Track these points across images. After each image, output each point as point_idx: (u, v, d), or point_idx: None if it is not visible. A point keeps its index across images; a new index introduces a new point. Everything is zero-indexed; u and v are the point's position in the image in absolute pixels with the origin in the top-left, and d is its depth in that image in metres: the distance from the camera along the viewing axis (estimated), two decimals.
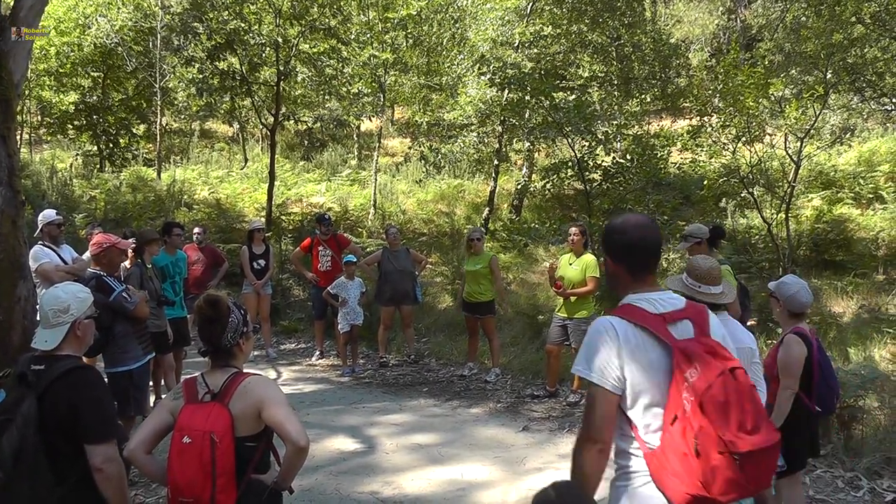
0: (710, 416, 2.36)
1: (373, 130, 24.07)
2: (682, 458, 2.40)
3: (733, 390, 2.41)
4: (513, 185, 20.46)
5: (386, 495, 5.72)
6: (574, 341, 8.05)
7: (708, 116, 14.03)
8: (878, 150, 18.34)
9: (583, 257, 8.15)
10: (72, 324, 3.20)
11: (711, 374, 2.42)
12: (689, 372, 2.44)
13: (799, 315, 4.69)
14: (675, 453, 2.42)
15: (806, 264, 14.06)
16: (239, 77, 17.02)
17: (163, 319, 7.46)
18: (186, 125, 25.58)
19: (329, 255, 10.41)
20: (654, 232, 2.78)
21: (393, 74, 19.52)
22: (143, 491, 5.77)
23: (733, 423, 2.36)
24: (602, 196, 14.41)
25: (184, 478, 2.84)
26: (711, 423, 2.35)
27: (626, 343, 2.55)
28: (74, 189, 17.02)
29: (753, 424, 2.39)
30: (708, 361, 2.46)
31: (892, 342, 9.87)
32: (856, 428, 6.39)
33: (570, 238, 8.30)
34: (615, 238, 2.77)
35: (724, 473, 2.33)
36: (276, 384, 3.21)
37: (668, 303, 2.69)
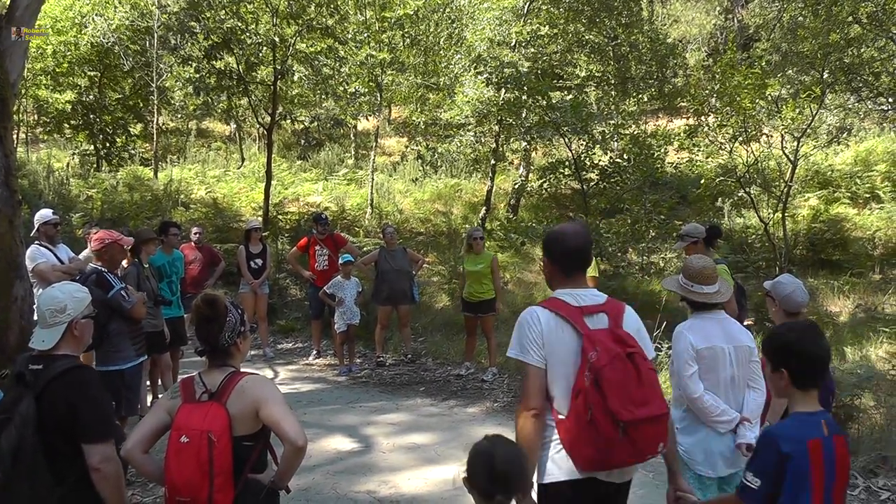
0: (603, 390, 2.85)
1: (370, 130, 24.06)
2: (582, 426, 2.89)
3: (626, 371, 2.90)
4: (510, 184, 20.47)
5: (383, 495, 5.73)
6: None
7: (705, 116, 14.06)
8: (874, 149, 18.38)
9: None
10: (69, 323, 3.19)
11: (609, 357, 2.90)
12: (591, 354, 2.92)
13: (795, 314, 4.69)
14: (578, 422, 2.91)
15: (802, 264, 14.11)
16: (236, 76, 16.99)
17: (159, 319, 7.45)
18: (183, 124, 25.51)
19: (326, 254, 10.41)
20: (587, 239, 3.29)
21: (390, 74, 19.48)
22: (139, 490, 5.77)
23: (622, 398, 2.84)
24: (599, 195, 14.46)
25: (181, 477, 2.84)
26: (603, 397, 2.84)
27: (548, 328, 3.06)
28: (71, 188, 16.98)
29: (642, 400, 2.87)
30: (609, 347, 2.94)
31: (889, 341, 9.90)
32: (852, 427, 6.40)
33: None
34: (555, 244, 3.28)
35: (613, 439, 2.82)
36: (273, 383, 3.21)
37: (589, 298, 3.18)
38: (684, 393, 3.93)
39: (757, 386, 4.07)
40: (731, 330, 4.06)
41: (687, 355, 3.93)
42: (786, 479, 2.67)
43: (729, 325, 4.09)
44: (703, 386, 3.91)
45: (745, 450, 3.87)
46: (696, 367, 3.91)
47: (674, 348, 4.03)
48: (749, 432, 3.91)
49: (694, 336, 3.96)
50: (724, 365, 3.95)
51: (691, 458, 3.96)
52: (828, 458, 2.71)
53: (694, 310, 4.13)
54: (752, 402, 4.02)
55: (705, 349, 3.93)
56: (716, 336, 3.98)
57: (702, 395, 3.88)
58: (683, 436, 4.00)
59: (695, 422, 3.98)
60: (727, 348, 3.96)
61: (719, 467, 3.96)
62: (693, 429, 3.99)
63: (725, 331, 4.03)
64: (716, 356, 3.94)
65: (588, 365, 2.92)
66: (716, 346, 3.95)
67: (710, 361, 3.93)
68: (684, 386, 3.91)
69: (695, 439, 3.97)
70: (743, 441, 3.89)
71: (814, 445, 2.69)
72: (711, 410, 3.88)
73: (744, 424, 3.92)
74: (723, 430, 3.93)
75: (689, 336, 3.97)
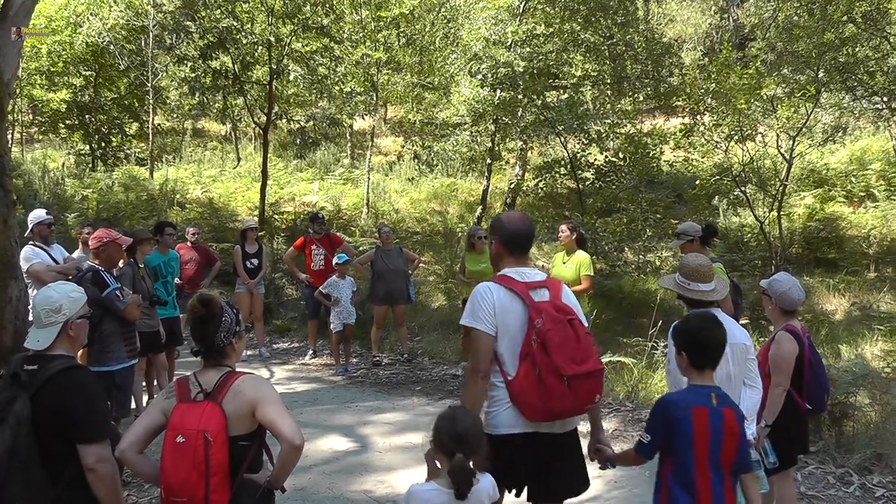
0: (549, 351, 3.30)
1: (366, 129, 24.07)
2: (531, 383, 3.34)
3: (567, 334, 3.38)
4: (506, 183, 20.49)
5: (379, 494, 5.72)
6: None
7: (700, 115, 14.09)
8: (869, 148, 18.44)
9: (575, 256, 8.06)
10: (64, 324, 3.18)
11: (553, 323, 3.37)
12: (537, 321, 3.37)
13: (791, 312, 4.71)
14: (527, 380, 3.36)
15: (798, 262, 14.14)
16: (231, 76, 16.99)
17: (155, 319, 7.43)
18: (179, 124, 25.50)
19: (322, 254, 10.40)
20: (529, 226, 3.79)
21: (386, 73, 19.49)
22: (135, 491, 5.75)
23: (565, 356, 3.31)
24: (595, 194, 14.48)
25: (177, 477, 2.82)
26: (549, 356, 3.30)
27: (499, 301, 3.49)
28: (66, 188, 16.95)
29: (581, 358, 3.36)
30: (553, 315, 3.41)
31: (883, 339, 9.92)
32: (847, 425, 6.42)
33: (560, 236, 8.25)
34: (503, 229, 3.73)
35: (559, 392, 3.29)
36: (269, 383, 3.20)
37: (532, 276, 3.63)
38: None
39: (753, 384, 4.08)
40: (728, 328, 4.04)
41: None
42: (675, 438, 3.20)
43: (725, 322, 4.08)
44: None
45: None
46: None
47: (670, 346, 3.97)
48: (746, 429, 3.89)
49: None
50: (721, 363, 3.93)
51: None
52: (714, 426, 3.18)
53: (690, 307, 4.12)
54: (748, 400, 4.01)
55: None
56: None
57: None
58: None
59: None
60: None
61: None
62: None
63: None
64: None
65: (535, 330, 3.36)
66: None
67: None
68: (681, 384, 3.89)
69: None
70: None
71: (698, 412, 3.19)
72: None
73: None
74: None
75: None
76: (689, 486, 3.18)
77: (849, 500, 5.45)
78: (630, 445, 6.70)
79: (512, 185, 19.25)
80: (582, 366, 3.34)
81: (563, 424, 3.54)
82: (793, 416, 4.59)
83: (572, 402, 3.35)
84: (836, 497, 5.50)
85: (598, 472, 5.98)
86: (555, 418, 3.42)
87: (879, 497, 5.44)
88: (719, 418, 3.20)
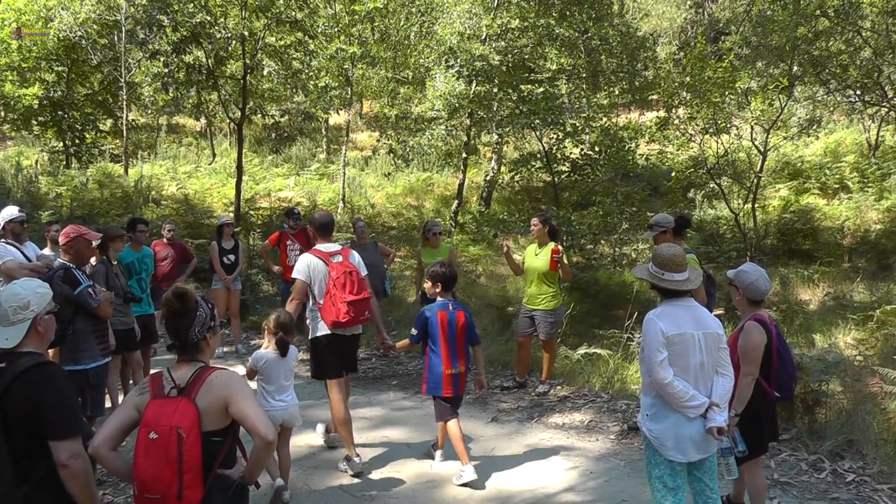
0: (337, 288, 5.68)
1: (341, 124, 23.98)
2: (329, 307, 5.70)
3: (348, 278, 5.72)
4: (482, 177, 20.49)
5: (355, 489, 5.71)
6: (542, 332, 8.08)
7: (675, 108, 14.15)
8: (843, 140, 18.65)
9: (547, 247, 8.09)
10: (33, 320, 3.13)
11: (340, 271, 5.73)
12: (331, 272, 5.73)
13: (758, 302, 4.75)
14: (327, 305, 5.71)
15: (773, 253, 14.26)
16: (205, 71, 16.85)
17: (130, 316, 7.34)
18: (153, 120, 25.27)
19: (298, 248, 10.34)
20: (331, 218, 6.30)
21: (360, 68, 19.41)
22: (111, 490, 5.70)
23: (346, 291, 5.68)
24: (571, 188, 14.50)
25: (150, 474, 2.80)
26: (338, 291, 5.67)
27: (312, 263, 5.83)
28: (41, 186, 16.73)
29: (357, 291, 5.73)
30: (341, 268, 5.76)
31: (856, 329, 10.03)
32: (819, 412, 6.48)
33: (532, 229, 8.28)
34: (315, 221, 6.16)
35: (344, 310, 5.64)
36: (242, 378, 3.18)
37: (332, 248, 5.98)
38: (654, 378, 3.94)
39: (725, 372, 4.09)
40: (701, 316, 4.08)
41: (657, 341, 3.94)
42: (429, 331, 5.83)
43: (698, 311, 4.10)
44: (672, 372, 3.92)
45: (717, 433, 3.92)
46: (665, 353, 3.92)
47: (644, 335, 4.03)
48: (719, 416, 3.92)
49: (664, 322, 3.97)
50: (694, 351, 3.96)
51: (662, 444, 3.98)
52: (451, 322, 5.82)
53: (664, 297, 4.15)
54: (720, 388, 4.03)
55: (675, 335, 3.94)
56: (686, 322, 3.99)
57: (672, 380, 3.89)
58: (653, 422, 4.03)
59: (664, 408, 3.99)
60: (697, 334, 3.98)
61: (690, 452, 3.98)
62: (663, 415, 4.00)
63: (695, 317, 4.04)
64: (686, 342, 3.95)
65: (331, 277, 5.71)
66: (686, 333, 3.96)
67: (681, 347, 3.94)
68: (654, 371, 3.92)
69: (664, 425, 3.98)
70: (714, 425, 3.90)
71: (441, 314, 5.82)
72: (681, 395, 3.89)
73: (713, 409, 3.93)
74: (692, 415, 3.93)
75: (658, 323, 3.98)
76: (437, 353, 5.81)
77: (821, 485, 5.51)
78: (605, 436, 6.77)
79: (488, 179, 19.26)
80: (358, 296, 5.72)
81: (351, 330, 5.97)
82: (761, 403, 4.63)
83: (354, 317, 5.71)
84: (809, 483, 5.56)
85: (573, 464, 6.04)
86: (345, 328, 5.83)
87: (850, 482, 5.50)
88: (454, 316, 5.85)
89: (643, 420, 4.12)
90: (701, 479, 4.13)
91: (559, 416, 7.44)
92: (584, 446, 6.57)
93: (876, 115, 17.69)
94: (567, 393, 8.08)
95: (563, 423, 7.25)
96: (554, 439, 6.77)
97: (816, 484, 5.53)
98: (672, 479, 4.01)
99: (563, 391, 8.13)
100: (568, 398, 7.94)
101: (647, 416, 4.10)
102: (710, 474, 4.16)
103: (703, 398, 3.95)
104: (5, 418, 2.93)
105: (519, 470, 6.03)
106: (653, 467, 4.08)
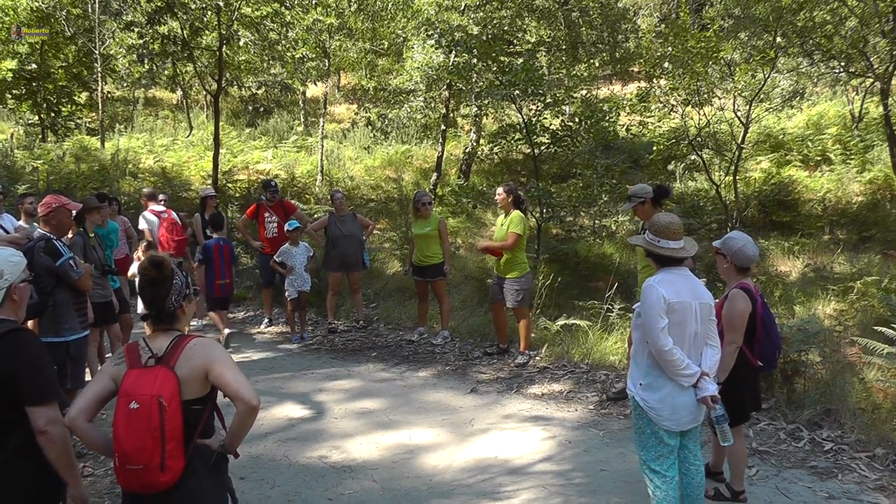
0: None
1: (318, 97, 23.72)
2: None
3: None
4: (461, 150, 20.36)
5: (334, 460, 5.68)
6: (508, 301, 8.13)
7: (657, 79, 14.04)
8: (826, 112, 18.62)
9: (510, 215, 8.20)
10: (7, 289, 3.08)
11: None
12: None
13: (745, 270, 4.69)
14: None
15: (753, 225, 14.26)
16: (180, 42, 16.52)
17: (108, 289, 7.24)
18: (129, 93, 24.91)
19: (275, 221, 10.25)
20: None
21: (338, 39, 19.15)
22: (91, 462, 5.66)
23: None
24: (551, 160, 14.39)
25: (132, 444, 2.75)
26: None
27: (150, 219, 9.07)
28: (16, 160, 16.48)
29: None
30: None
31: (836, 300, 10.05)
32: (798, 382, 6.49)
33: (498, 198, 8.39)
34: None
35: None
36: (220, 346, 3.12)
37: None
38: (654, 346, 3.89)
39: (713, 343, 4.10)
40: (696, 286, 4.06)
41: (658, 307, 3.88)
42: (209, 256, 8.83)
43: (694, 281, 4.08)
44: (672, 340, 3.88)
45: (711, 401, 3.93)
46: (666, 320, 3.88)
47: (645, 301, 3.96)
48: (711, 385, 3.94)
49: (665, 289, 3.93)
50: (691, 320, 3.94)
51: (658, 414, 3.96)
52: (221, 252, 8.90)
53: (660, 265, 4.11)
54: (709, 359, 4.04)
55: (676, 303, 3.90)
56: (684, 291, 3.97)
57: (672, 348, 3.85)
58: (648, 392, 3.99)
59: (660, 377, 3.96)
60: (694, 304, 3.96)
61: (684, 421, 3.99)
62: (658, 384, 3.96)
63: (692, 287, 4.02)
64: (685, 311, 3.93)
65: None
66: (685, 301, 3.93)
67: (680, 315, 3.91)
68: (655, 339, 3.87)
69: (661, 395, 3.95)
70: (706, 394, 3.91)
71: (216, 246, 8.91)
72: (678, 364, 3.86)
73: (704, 379, 3.94)
74: (686, 385, 3.92)
75: (660, 289, 3.93)
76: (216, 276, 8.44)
77: (799, 454, 5.51)
78: (584, 406, 6.73)
79: (467, 152, 19.12)
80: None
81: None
82: (745, 372, 4.61)
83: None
84: (787, 451, 5.55)
85: (551, 434, 6.00)
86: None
87: (828, 451, 5.51)
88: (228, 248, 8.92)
89: (636, 390, 4.08)
90: (685, 447, 4.15)
91: (538, 386, 7.40)
92: (562, 416, 6.54)
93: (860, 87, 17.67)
94: (546, 364, 8.05)
95: (542, 393, 7.21)
96: (533, 409, 6.74)
97: (795, 453, 5.54)
98: (664, 447, 4.02)
99: (542, 362, 8.10)
100: (547, 369, 7.91)
101: (640, 386, 4.05)
102: (694, 441, 4.20)
103: (697, 368, 3.95)
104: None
105: (497, 440, 5.99)
106: (647, 436, 4.05)
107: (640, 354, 4.08)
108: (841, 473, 5.17)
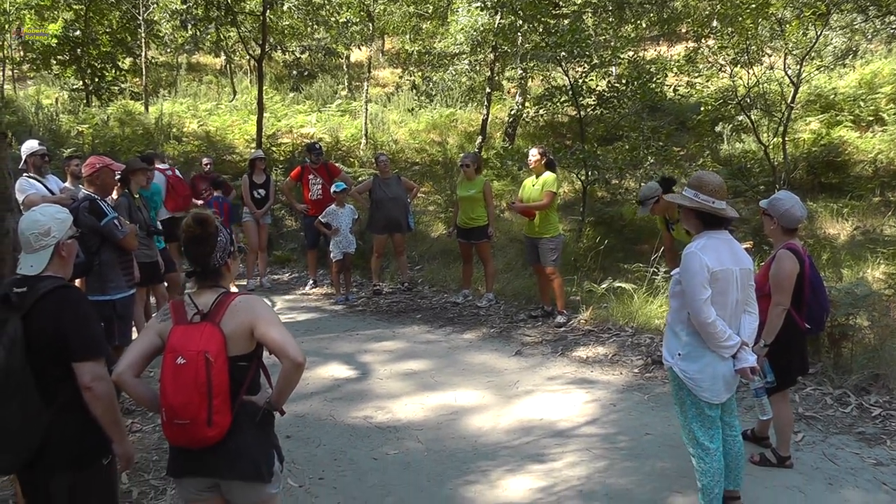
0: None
1: (363, 61, 23.66)
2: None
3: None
4: (506, 113, 20.21)
5: (379, 420, 5.77)
6: (543, 261, 8.27)
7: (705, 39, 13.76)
8: (880, 71, 18.02)
9: (543, 176, 8.40)
10: (55, 245, 3.13)
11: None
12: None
13: (792, 231, 4.63)
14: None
15: (802, 187, 13.97)
16: (224, 7, 16.56)
17: (153, 249, 7.36)
18: (173, 58, 25.07)
19: (320, 183, 10.33)
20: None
21: (382, 3, 19.03)
22: (140, 419, 5.80)
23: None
24: (596, 122, 14.25)
25: (179, 399, 2.78)
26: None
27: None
28: (62, 124, 16.75)
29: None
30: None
31: (886, 263, 9.86)
32: (845, 346, 6.41)
33: (531, 160, 8.54)
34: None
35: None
36: (266, 303, 3.15)
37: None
38: (696, 318, 3.74)
39: (752, 310, 3.96)
40: (737, 251, 3.89)
41: (702, 277, 3.71)
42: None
43: (735, 245, 3.91)
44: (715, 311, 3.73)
45: (751, 373, 3.83)
46: (709, 291, 3.71)
47: (687, 269, 3.78)
48: (750, 356, 3.81)
49: (708, 257, 3.74)
50: (732, 288, 3.78)
51: (697, 384, 3.82)
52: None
53: (705, 227, 3.89)
54: (748, 327, 3.90)
55: (720, 271, 3.73)
56: (726, 258, 3.79)
57: (715, 320, 3.69)
58: (687, 362, 3.86)
59: (699, 347, 3.81)
60: (735, 270, 3.79)
61: (722, 392, 3.86)
62: (697, 354, 3.82)
63: (733, 252, 3.84)
64: (728, 278, 3.76)
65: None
66: (728, 269, 3.76)
67: (724, 284, 3.74)
68: (698, 310, 3.71)
69: (700, 365, 3.81)
70: (745, 365, 3.78)
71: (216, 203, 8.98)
72: (720, 335, 3.71)
73: (743, 349, 3.81)
74: (726, 355, 3.79)
75: (703, 257, 3.74)
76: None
77: (846, 419, 5.47)
78: (629, 369, 6.74)
79: (512, 115, 18.98)
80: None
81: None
82: (792, 335, 4.56)
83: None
84: (834, 417, 5.52)
85: (595, 397, 6.04)
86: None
87: (876, 416, 5.46)
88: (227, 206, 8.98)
89: (674, 360, 3.92)
90: (722, 418, 4.02)
91: (583, 349, 7.43)
92: (607, 380, 6.57)
93: None
94: (591, 327, 8.06)
95: (587, 356, 7.24)
96: (577, 372, 6.77)
97: (842, 418, 5.49)
98: (706, 419, 3.90)
99: (587, 325, 8.11)
100: (591, 332, 7.93)
101: (679, 356, 3.89)
102: (730, 412, 4.09)
103: (738, 338, 3.80)
104: (28, 342, 2.92)
105: (541, 402, 6.04)
106: (688, 407, 3.93)
107: (678, 323, 3.93)
108: (889, 440, 5.11)
